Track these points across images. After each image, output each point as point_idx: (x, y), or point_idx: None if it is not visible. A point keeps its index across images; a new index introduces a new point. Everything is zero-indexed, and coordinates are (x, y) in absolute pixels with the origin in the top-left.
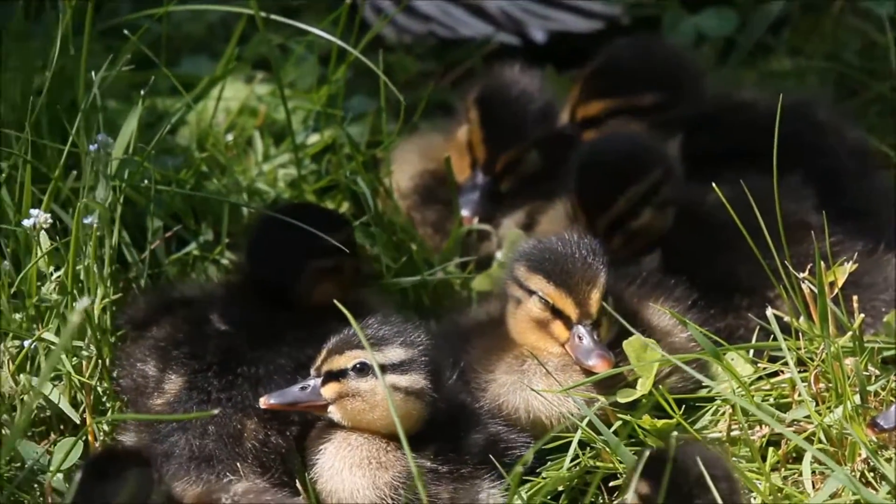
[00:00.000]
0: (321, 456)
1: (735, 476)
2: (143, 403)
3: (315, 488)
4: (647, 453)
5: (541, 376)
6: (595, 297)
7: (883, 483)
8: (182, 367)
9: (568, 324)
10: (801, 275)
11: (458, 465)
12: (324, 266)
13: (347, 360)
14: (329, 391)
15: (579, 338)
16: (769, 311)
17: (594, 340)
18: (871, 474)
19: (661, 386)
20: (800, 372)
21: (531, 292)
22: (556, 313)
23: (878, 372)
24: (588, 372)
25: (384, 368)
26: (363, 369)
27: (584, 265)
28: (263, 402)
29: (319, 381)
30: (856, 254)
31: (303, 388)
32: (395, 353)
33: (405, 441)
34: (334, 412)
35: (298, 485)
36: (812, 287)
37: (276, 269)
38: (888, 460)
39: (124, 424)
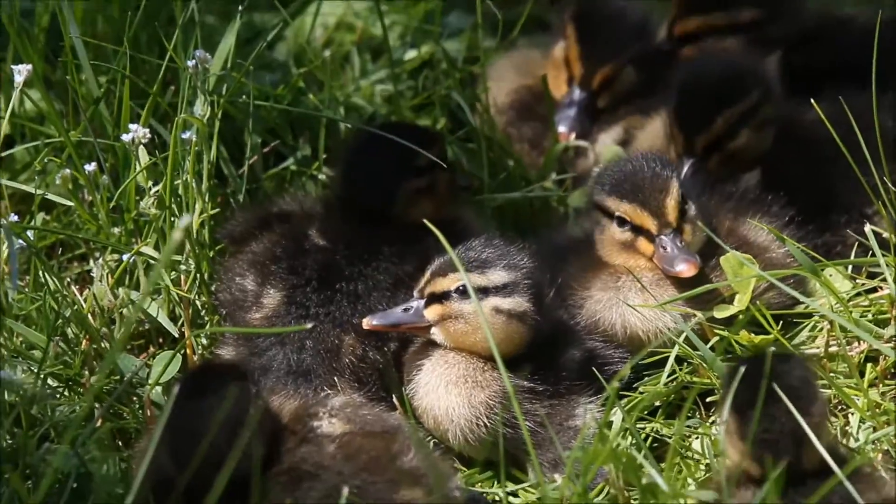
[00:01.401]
0: (418, 373)
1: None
2: (241, 317)
3: (411, 404)
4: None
5: (636, 292)
6: (670, 204)
7: None
8: (281, 281)
9: (650, 237)
10: None
11: (554, 383)
12: (418, 184)
13: (451, 282)
14: (432, 313)
15: (663, 248)
16: (867, 227)
17: (678, 246)
18: None
19: (758, 301)
20: None
21: (611, 216)
22: (637, 230)
23: None
24: (683, 287)
25: (487, 291)
26: (466, 292)
27: (654, 176)
28: (366, 323)
29: (423, 302)
30: None
31: (406, 310)
32: (498, 276)
33: (501, 362)
34: (437, 334)
35: (395, 400)
36: None
37: (371, 189)
38: None
39: (222, 338)
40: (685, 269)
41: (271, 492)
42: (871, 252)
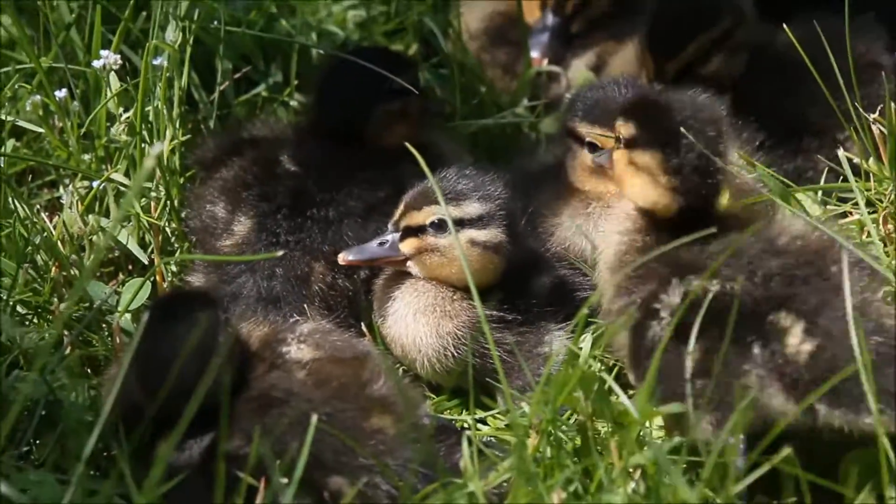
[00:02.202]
0: (387, 301)
1: (724, 124)
2: (211, 244)
3: (381, 332)
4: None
5: (606, 218)
6: None
7: None
8: (251, 208)
9: None
10: (872, 116)
11: (524, 311)
12: (391, 108)
13: (426, 216)
14: (407, 246)
15: None
16: (840, 152)
17: None
18: None
19: None
20: (869, 213)
21: (582, 141)
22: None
23: None
24: None
25: (462, 223)
26: (442, 225)
27: (622, 98)
28: (342, 258)
29: (398, 235)
30: None
31: (381, 244)
32: (473, 208)
33: (476, 294)
34: (412, 266)
35: (364, 327)
36: (882, 128)
37: (344, 112)
38: None
39: (192, 265)
40: None
41: (241, 418)
42: (841, 178)
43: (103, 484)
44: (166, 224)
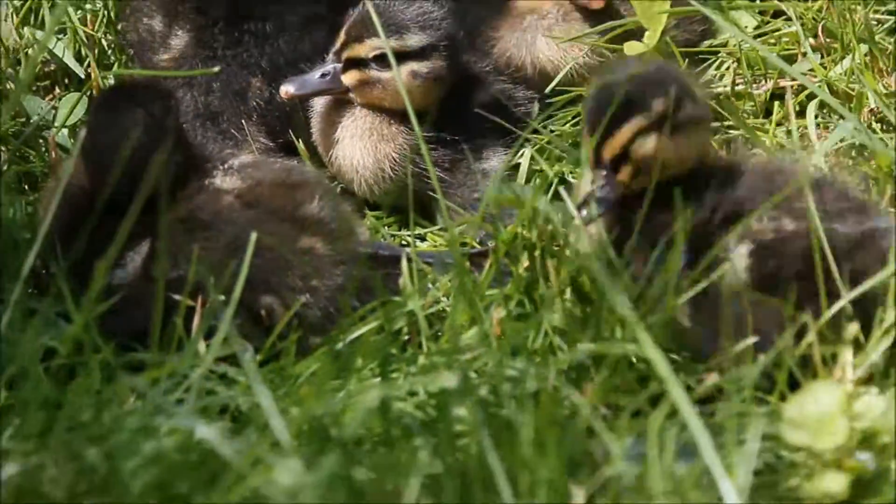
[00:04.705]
0: (326, 124)
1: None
2: (148, 59)
3: (319, 153)
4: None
5: (543, 29)
6: None
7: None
8: (188, 22)
9: None
10: None
11: (463, 128)
12: None
13: (368, 49)
14: (349, 78)
15: None
16: None
17: None
18: (878, 125)
19: (667, 38)
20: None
21: None
22: None
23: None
24: (593, 22)
25: (405, 56)
26: (384, 58)
27: None
28: (283, 91)
29: (340, 66)
30: None
31: (323, 76)
32: (415, 40)
33: (415, 121)
34: (355, 97)
35: (301, 145)
36: None
37: None
38: None
39: (130, 80)
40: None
41: (171, 236)
42: None
43: (41, 303)
44: (103, 37)
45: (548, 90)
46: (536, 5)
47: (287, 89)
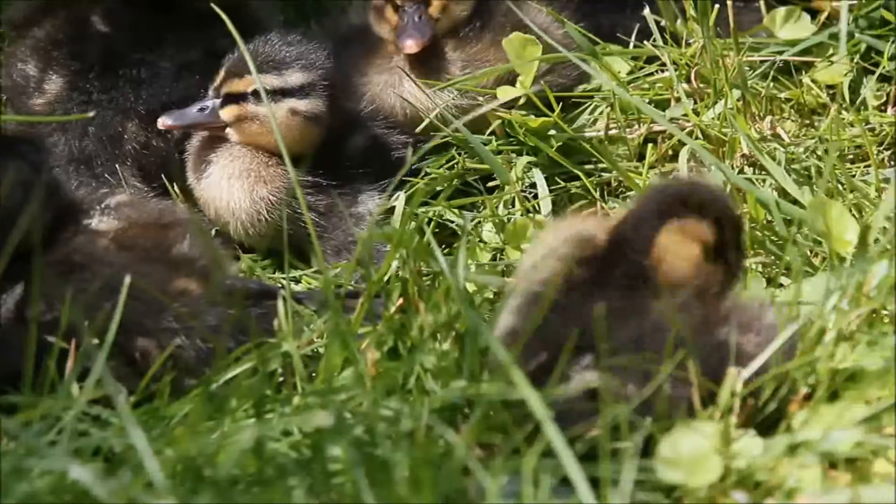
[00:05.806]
0: (202, 164)
1: None
2: (23, 104)
3: (195, 195)
4: None
5: (410, 71)
6: None
7: (764, 176)
8: (63, 67)
9: (394, 5)
10: None
11: (338, 174)
12: None
13: (246, 84)
14: (227, 113)
15: (402, 19)
16: (647, 11)
17: (414, 20)
18: (750, 170)
19: (542, 82)
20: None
21: None
22: None
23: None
24: (457, 65)
25: (284, 92)
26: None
27: None
28: (161, 122)
29: (218, 102)
30: None
31: (201, 110)
32: (295, 78)
33: (290, 164)
34: (231, 133)
35: (175, 189)
36: None
37: None
38: (769, 154)
39: (5, 126)
40: (409, 44)
41: (43, 283)
42: (652, 37)
43: None
44: None
45: (417, 130)
46: (392, 42)
47: (165, 121)
